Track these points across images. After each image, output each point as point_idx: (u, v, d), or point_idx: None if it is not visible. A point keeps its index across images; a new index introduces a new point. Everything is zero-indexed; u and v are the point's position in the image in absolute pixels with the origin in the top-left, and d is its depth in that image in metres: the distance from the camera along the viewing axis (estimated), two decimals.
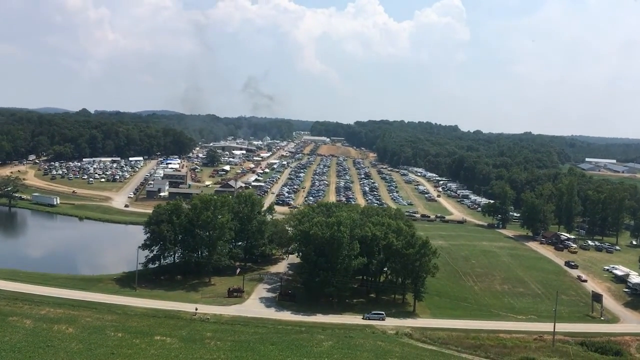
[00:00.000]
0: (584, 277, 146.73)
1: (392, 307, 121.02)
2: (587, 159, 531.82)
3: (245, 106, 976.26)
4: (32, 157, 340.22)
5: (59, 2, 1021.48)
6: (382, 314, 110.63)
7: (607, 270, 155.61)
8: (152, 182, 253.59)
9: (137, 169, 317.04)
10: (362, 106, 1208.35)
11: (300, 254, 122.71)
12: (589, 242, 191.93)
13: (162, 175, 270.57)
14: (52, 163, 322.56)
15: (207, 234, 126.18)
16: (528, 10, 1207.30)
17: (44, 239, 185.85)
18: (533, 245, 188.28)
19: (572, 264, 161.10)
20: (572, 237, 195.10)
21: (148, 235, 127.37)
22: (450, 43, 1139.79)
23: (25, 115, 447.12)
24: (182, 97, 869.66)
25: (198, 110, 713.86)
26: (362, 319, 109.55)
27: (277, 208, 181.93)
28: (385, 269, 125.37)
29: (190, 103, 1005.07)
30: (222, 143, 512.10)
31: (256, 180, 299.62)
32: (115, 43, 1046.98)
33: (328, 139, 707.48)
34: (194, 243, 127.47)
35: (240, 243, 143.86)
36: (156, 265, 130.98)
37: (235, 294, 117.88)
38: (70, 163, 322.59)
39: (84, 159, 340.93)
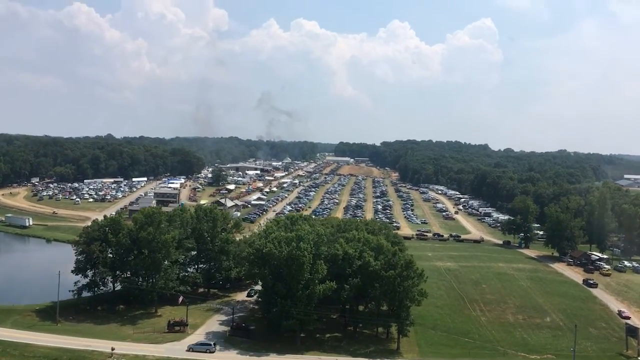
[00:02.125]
0: (625, 312, 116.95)
1: (372, 343, 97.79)
2: (625, 176, 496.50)
3: (270, 129, 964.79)
4: (35, 179, 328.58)
5: (98, 35, 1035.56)
6: (210, 345, 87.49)
7: None
8: (136, 201, 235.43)
9: (134, 189, 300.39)
10: (390, 127, 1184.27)
11: (257, 278, 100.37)
12: (625, 262, 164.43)
13: (151, 194, 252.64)
14: (50, 184, 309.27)
15: (150, 254, 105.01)
16: (561, 30, 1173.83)
17: None
18: (558, 266, 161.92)
19: (591, 282, 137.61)
20: (605, 257, 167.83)
21: (78, 257, 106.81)
22: (483, 65, 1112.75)
23: (30, 139, 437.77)
24: (205, 120, 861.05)
25: (220, 133, 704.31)
26: (186, 350, 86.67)
27: None
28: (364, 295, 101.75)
29: (210, 126, 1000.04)
30: (239, 164, 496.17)
31: (259, 198, 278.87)
32: (151, 72, 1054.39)
33: (352, 160, 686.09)
34: (136, 266, 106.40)
35: (202, 266, 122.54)
36: (93, 292, 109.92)
37: (177, 328, 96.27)
38: (69, 184, 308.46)
39: (85, 180, 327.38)
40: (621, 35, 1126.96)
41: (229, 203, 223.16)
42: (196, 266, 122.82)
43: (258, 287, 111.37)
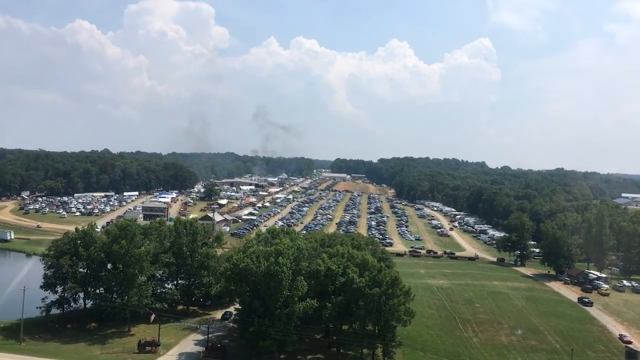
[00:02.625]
0: (627, 336, 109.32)
1: None
2: (623, 194, 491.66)
3: (266, 143, 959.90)
4: (26, 192, 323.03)
5: (99, 52, 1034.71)
6: None
7: None
8: (123, 215, 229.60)
9: (124, 203, 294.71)
10: (388, 144, 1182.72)
11: (233, 296, 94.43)
12: (625, 282, 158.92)
13: (139, 208, 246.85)
14: (39, 198, 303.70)
15: (124, 269, 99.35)
16: (558, 50, 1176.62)
17: None
18: (555, 285, 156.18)
19: (586, 300, 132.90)
20: (604, 276, 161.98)
21: (47, 272, 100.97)
22: (481, 84, 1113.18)
23: (23, 152, 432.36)
24: (202, 136, 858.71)
25: (217, 149, 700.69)
26: None
27: None
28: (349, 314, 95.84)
29: (206, 141, 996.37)
30: (234, 179, 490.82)
31: (250, 213, 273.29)
32: (151, 89, 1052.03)
33: (348, 176, 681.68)
34: (108, 281, 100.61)
35: (182, 282, 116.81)
36: (63, 310, 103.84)
37: (148, 348, 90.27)
38: (58, 198, 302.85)
39: (75, 194, 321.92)
40: (617, 56, 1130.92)
41: (218, 217, 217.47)
42: (175, 282, 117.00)
43: (233, 309, 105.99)
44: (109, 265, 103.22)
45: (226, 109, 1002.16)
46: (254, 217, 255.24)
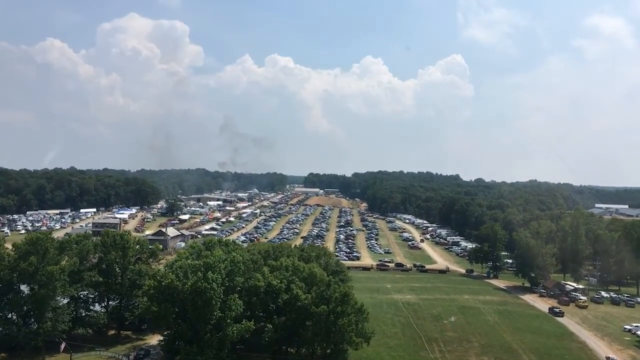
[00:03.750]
0: (613, 357, 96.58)
1: None
2: (597, 205, 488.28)
3: (235, 156, 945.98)
4: None
5: (70, 71, 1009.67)
6: None
7: (629, 330, 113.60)
8: (69, 233, 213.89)
9: (77, 220, 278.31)
10: (363, 159, 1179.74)
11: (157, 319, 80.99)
12: (603, 293, 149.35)
13: (90, 224, 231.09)
14: None
15: (36, 290, 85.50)
16: (530, 66, 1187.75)
17: None
18: (530, 298, 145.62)
19: (557, 310, 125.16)
20: (581, 287, 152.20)
21: None
22: (455, 99, 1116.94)
23: None
24: (170, 153, 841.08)
25: (187, 165, 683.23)
26: None
27: None
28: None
29: (175, 158, 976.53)
30: (203, 195, 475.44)
31: (211, 228, 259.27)
32: (125, 107, 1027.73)
33: (321, 191, 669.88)
34: (15, 305, 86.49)
35: (112, 303, 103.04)
36: None
37: None
38: (7, 216, 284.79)
39: (28, 212, 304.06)
40: (586, 70, 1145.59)
41: (173, 233, 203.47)
42: (105, 304, 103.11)
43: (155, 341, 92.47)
44: (24, 286, 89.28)
45: (199, 126, 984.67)
46: (215, 233, 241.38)
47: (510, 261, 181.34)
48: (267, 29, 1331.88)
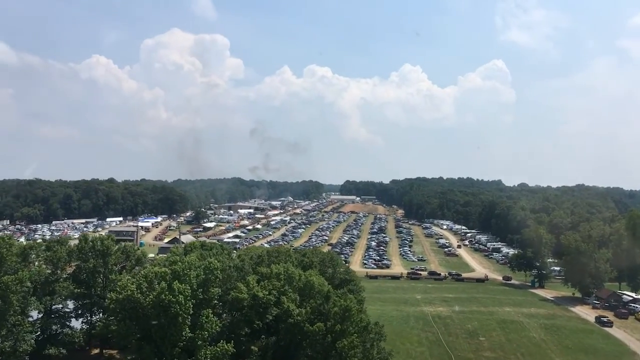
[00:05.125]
0: None
1: None
2: None
3: (267, 161, 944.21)
4: (5, 221, 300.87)
5: (115, 86, 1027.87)
6: None
7: None
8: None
9: (100, 229, 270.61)
10: (400, 166, 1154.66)
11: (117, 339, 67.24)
12: None
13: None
14: (13, 226, 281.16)
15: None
16: (573, 69, 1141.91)
17: None
18: (582, 310, 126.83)
19: (606, 320, 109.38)
20: None
21: None
22: (496, 105, 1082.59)
23: (6, 182, 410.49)
24: (206, 163, 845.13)
25: (223, 175, 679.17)
26: None
27: None
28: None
29: (210, 167, 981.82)
30: (236, 203, 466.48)
31: (235, 236, 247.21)
32: (167, 120, 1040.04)
33: (358, 198, 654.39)
34: None
35: (95, 318, 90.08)
36: None
37: None
38: (32, 225, 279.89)
39: (54, 221, 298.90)
40: (632, 71, 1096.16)
41: (187, 240, 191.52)
42: (87, 318, 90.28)
43: None
44: None
45: (239, 137, 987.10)
46: (238, 240, 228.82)
47: (557, 268, 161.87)
48: (305, 40, 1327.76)
